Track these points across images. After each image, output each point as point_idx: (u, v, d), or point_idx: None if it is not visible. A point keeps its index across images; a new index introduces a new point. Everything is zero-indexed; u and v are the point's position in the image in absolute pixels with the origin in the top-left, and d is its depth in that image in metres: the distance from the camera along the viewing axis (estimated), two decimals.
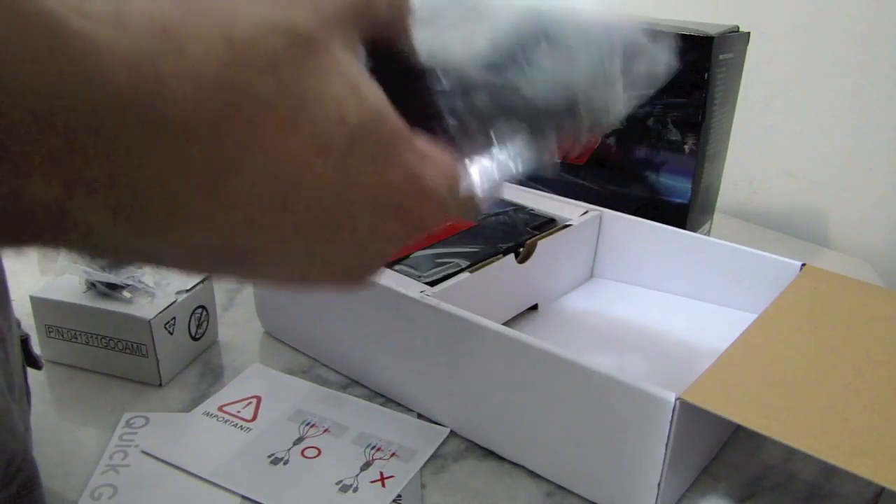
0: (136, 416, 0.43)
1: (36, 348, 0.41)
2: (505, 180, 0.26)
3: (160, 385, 0.46)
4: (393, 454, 0.40)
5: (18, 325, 0.37)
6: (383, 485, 0.38)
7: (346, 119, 0.19)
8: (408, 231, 0.23)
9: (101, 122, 0.15)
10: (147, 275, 0.46)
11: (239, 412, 0.44)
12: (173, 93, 0.16)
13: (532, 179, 0.67)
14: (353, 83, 0.20)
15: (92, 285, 0.46)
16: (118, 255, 0.19)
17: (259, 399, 0.45)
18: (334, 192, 0.20)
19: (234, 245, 0.19)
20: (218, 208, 0.18)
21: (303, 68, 0.18)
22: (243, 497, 0.37)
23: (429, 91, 0.25)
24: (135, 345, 0.45)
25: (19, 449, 0.30)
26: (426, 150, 0.23)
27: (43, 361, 0.41)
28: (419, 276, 0.44)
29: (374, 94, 0.20)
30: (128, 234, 0.17)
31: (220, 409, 0.44)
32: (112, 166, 0.16)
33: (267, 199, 0.18)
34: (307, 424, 0.43)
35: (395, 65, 0.25)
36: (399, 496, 0.38)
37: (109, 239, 0.17)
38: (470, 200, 0.25)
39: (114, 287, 0.45)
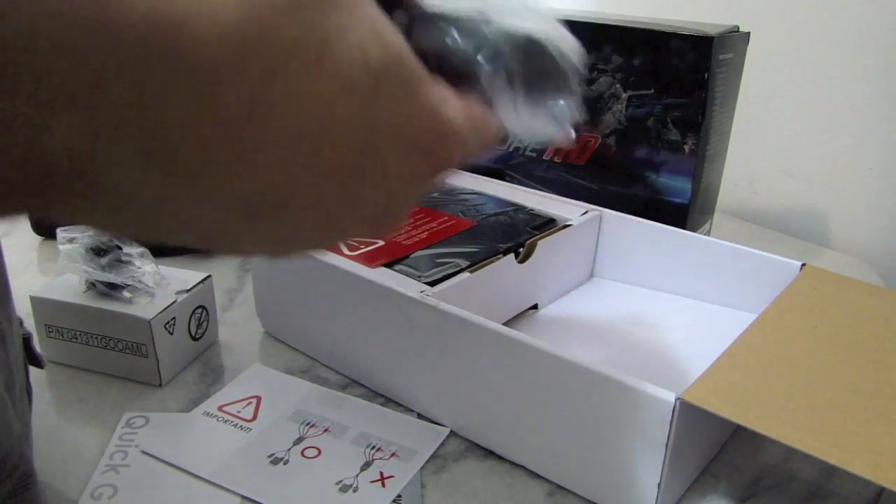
0: (136, 416, 0.43)
1: (36, 348, 0.41)
2: (524, 126, 0.27)
3: (160, 385, 0.46)
4: (393, 454, 0.40)
5: (21, 323, 0.37)
6: (383, 485, 0.38)
7: (369, 61, 0.19)
8: (433, 170, 0.23)
9: (123, 60, 0.15)
10: (147, 275, 0.46)
11: (239, 412, 0.44)
12: (193, 33, 0.16)
13: (532, 179, 0.67)
14: (375, 26, 0.20)
15: (92, 285, 0.46)
16: (146, 221, 0.18)
17: (259, 399, 0.45)
18: (361, 133, 0.20)
19: (266, 194, 0.19)
20: (248, 152, 0.18)
21: (324, 11, 0.18)
22: (243, 497, 0.37)
23: (440, 39, 0.25)
24: (135, 345, 0.45)
25: (14, 447, 0.30)
26: (444, 92, 0.23)
27: (45, 360, 0.41)
28: (419, 276, 0.44)
29: (394, 37, 0.21)
30: (158, 187, 0.17)
31: (220, 409, 0.44)
32: (138, 108, 0.16)
33: (297, 142, 0.18)
34: (307, 424, 0.43)
35: (409, 10, 0.25)
36: (399, 496, 0.38)
37: (138, 195, 0.17)
38: (488, 137, 0.26)
39: (114, 287, 0.45)
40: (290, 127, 0.18)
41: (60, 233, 0.46)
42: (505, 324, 0.44)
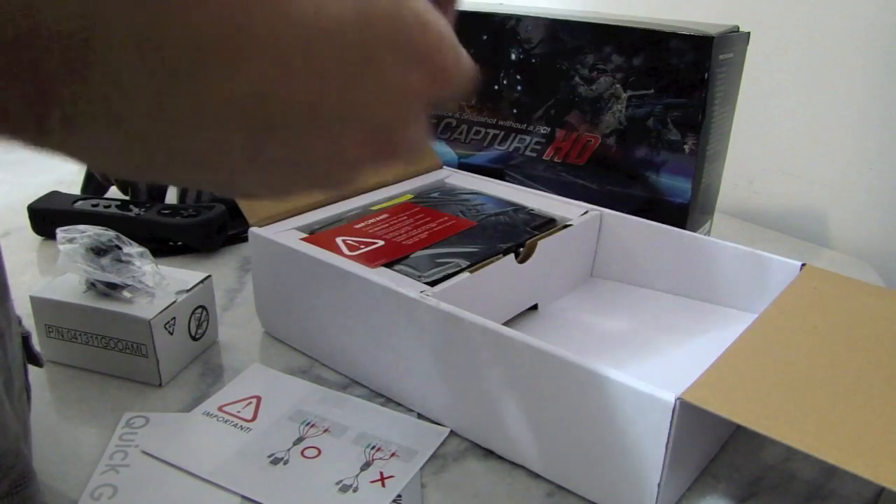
0: (137, 416, 0.43)
1: (36, 348, 0.41)
2: None
3: (160, 385, 0.46)
4: (393, 454, 0.41)
5: (19, 322, 0.37)
6: (383, 485, 0.38)
7: None
8: (430, 82, 0.22)
9: None
10: (147, 275, 0.46)
11: (239, 412, 0.44)
12: None
13: (532, 179, 0.67)
14: None
15: (92, 285, 0.46)
16: (146, 141, 0.18)
17: (259, 399, 0.45)
18: (355, 32, 0.20)
19: (264, 100, 0.19)
20: (245, 49, 0.17)
21: None
22: (243, 497, 0.37)
23: None
24: (135, 345, 0.45)
25: (11, 447, 0.30)
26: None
27: (44, 359, 0.41)
28: (419, 276, 0.44)
29: None
30: (154, 87, 0.17)
31: (220, 409, 0.44)
32: None
33: (293, 40, 0.18)
34: (307, 424, 0.43)
35: None
36: (399, 496, 0.38)
37: (134, 97, 0.16)
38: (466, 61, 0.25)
39: (114, 287, 0.45)
40: (283, 25, 0.18)
41: (60, 233, 0.46)
42: (505, 324, 0.44)
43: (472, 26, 0.66)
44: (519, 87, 0.66)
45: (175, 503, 0.37)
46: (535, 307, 0.53)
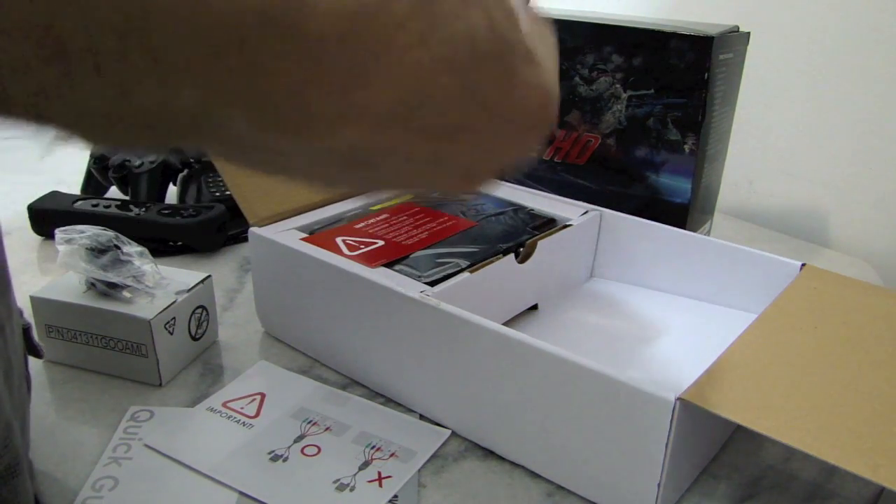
0: (142, 410, 0.43)
1: (35, 338, 0.41)
2: None
3: (160, 385, 0.46)
4: (392, 454, 0.40)
5: (20, 314, 0.37)
6: (380, 485, 0.38)
7: (476, 46, 0.20)
8: (525, 139, 0.24)
9: (245, 36, 0.16)
10: (147, 275, 0.46)
11: (242, 408, 0.44)
12: (311, 9, 0.17)
13: (532, 179, 0.67)
14: (491, 14, 0.21)
15: (92, 285, 0.46)
16: (253, 160, 0.21)
17: (263, 396, 0.45)
18: (459, 105, 0.21)
19: (361, 149, 0.20)
20: (347, 115, 0.19)
21: None
22: (241, 493, 0.37)
23: None
24: (135, 345, 0.45)
25: (0, 436, 0.30)
26: (551, 64, 0.24)
27: (44, 351, 0.41)
28: (419, 276, 0.44)
29: (509, 28, 0.22)
30: (262, 135, 0.19)
31: (224, 405, 0.44)
32: (251, 78, 0.17)
33: (394, 109, 0.20)
34: (309, 422, 0.43)
35: None
36: (395, 496, 0.38)
37: (245, 143, 0.19)
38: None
39: (114, 287, 0.45)
40: (389, 96, 0.19)
41: (59, 233, 0.46)
42: (505, 324, 0.44)
43: None
44: None
45: (174, 497, 0.37)
46: (535, 307, 0.53)
